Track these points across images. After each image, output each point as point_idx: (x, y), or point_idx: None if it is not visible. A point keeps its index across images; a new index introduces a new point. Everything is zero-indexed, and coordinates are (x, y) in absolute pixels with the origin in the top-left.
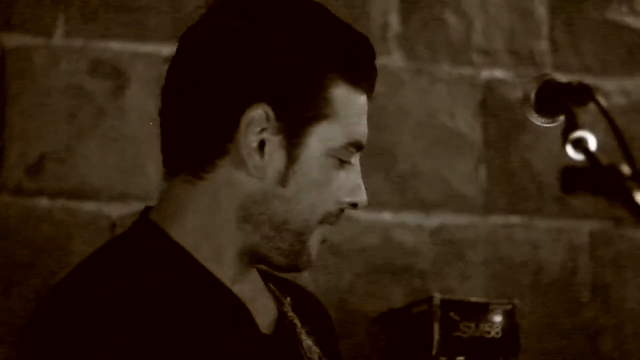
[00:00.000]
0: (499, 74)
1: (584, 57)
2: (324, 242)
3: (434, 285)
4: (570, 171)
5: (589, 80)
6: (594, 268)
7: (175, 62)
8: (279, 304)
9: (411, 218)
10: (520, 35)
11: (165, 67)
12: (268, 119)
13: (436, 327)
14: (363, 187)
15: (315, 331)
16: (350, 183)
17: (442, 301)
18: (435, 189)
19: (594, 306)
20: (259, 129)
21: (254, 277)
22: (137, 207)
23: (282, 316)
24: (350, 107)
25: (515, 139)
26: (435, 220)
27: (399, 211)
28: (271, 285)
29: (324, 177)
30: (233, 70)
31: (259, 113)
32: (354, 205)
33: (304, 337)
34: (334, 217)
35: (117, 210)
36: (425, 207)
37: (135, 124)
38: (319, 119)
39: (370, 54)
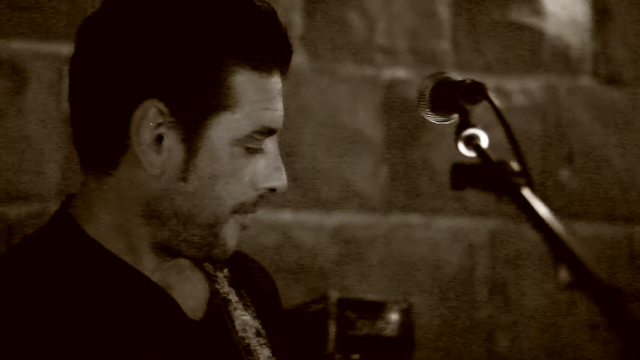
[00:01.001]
0: (400, 73)
1: (485, 57)
2: (244, 228)
3: (334, 284)
4: (459, 167)
5: (490, 79)
6: (492, 266)
7: (72, 60)
8: (212, 282)
9: (311, 217)
10: (422, 34)
11: (65, 67)
12: (162, 114)
13: (332, 325)
14: (282, 169)
15: (255, 301)
16: (266, 168)
17: (339, 300)
18: (335, 188)
19: (492, 304)
20: (153, 125)
21: (181, 260)
22: (35, 208)
23: (213, 295)
24: (255, 92)
25: (416, 137)
26: (335, 219)
27: (298, 210)
28: (205, 263)
29: (230, 168)
30: (123, 67)
31: (149, 109)
32: (272, 190)
33: (238, 312)
34: (250, 205)
35: (14, 211)
36: (325, 206)
37: (34, 124)
38: (218, 109)
39: (274, 31)
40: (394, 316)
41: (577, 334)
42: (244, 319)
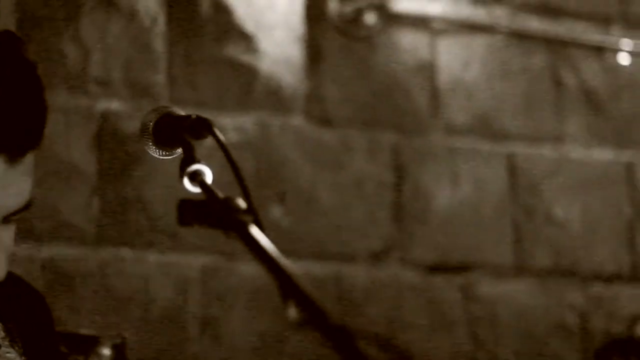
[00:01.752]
0: (115, 105)
1: (200, 92)
2: None
3: None
4: (186, 204)
5: (204, 115)
6: (204, 302)
7: None
8: None
9: (21, 249)
10: (137, 67)
11: None
12: None
13: None
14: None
15: (23, 335)
16: None
17: None
18: (47, 220)
19: (202, 340)
20: None
21: None
22: None
23: None
24: None
25: (130, 171)
26: (45, 251)
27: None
28: None
29: None
30: None
31: None
32: None
33: (3, 350)
34: None
35: None
36: (36, 237)
37: None
38: None
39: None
40: (107, 351)
41: None
42: (9, 357)
